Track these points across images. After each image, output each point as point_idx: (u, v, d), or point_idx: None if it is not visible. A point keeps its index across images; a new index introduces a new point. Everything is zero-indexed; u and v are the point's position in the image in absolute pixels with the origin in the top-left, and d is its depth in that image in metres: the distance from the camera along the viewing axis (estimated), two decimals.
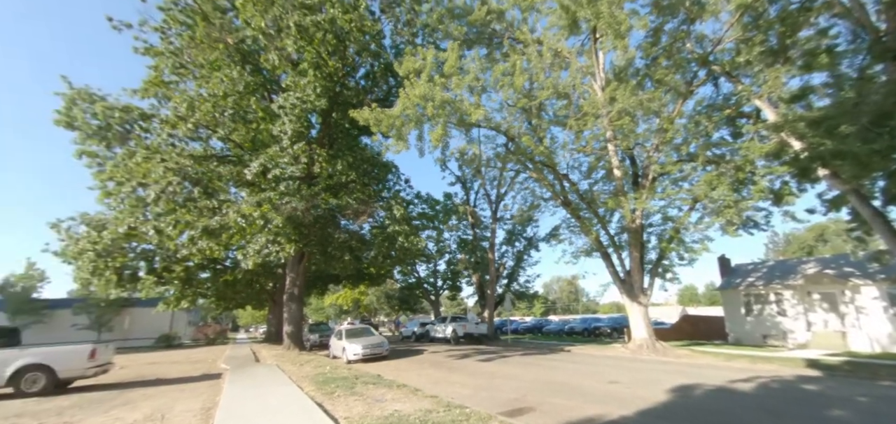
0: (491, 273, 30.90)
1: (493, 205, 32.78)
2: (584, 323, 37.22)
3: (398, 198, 19.72)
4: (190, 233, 12.90)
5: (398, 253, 19.10)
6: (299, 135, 15.85)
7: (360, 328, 19.07)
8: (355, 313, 53.61)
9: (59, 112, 18.47)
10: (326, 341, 27.99)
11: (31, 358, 10.43)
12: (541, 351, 19.75)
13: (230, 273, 27.08)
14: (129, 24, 17.65)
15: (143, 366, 17.99)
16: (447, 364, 15.12)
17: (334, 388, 8.96)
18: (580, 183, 21.77)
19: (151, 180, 14.27)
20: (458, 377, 11.84)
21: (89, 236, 17.07)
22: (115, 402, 9.08)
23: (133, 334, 38.25)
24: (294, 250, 12.59)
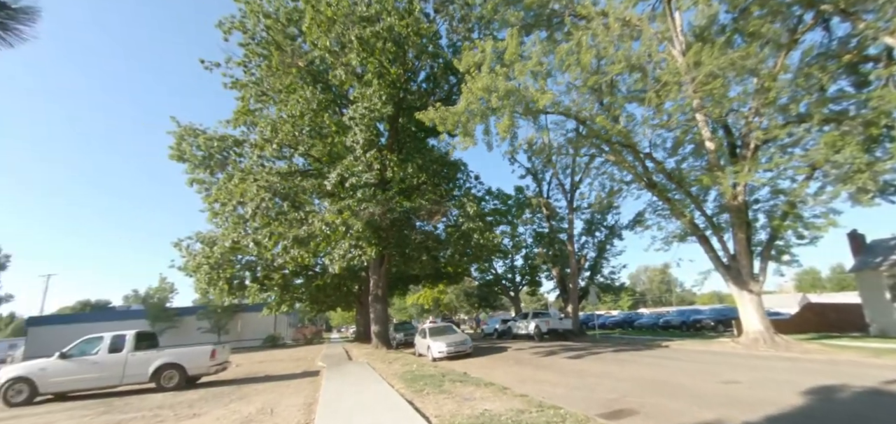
0: (571, 265, 29.47)
1: (568, 194, 31.26)
2: (681, 315, 33.88)
3: (470, 194, 19.65)
4: (283, 244, 14.14)
5: (474, 250, 19.00)
6: (370, 144, 16.50)
7: (444, 326, 19.32)
8: (436, 312, 54.86)
9: (171, 147, 21.44)
10: (411, 339, 28.95)
11: (167, 358, 12.13)
12: (634, 346, 18.29)
13: (320, 278, 29.23)
14: (217, 64, 19.85)
15: (254, 364, 20.07)
16: (533, 361, 14.63)
17: (423, 386, 9.06)
18: (666, 161, 19.77)
19: (248, 198, 15.87)
20: (546, 375, 11.34)
21: (203, 252, 19.49)
22: (233, 396, 10.14)
23: (244, 336, 43.16)
24: (375, 253, 13.17)
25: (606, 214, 34.26)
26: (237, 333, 43.08)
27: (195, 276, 19.98)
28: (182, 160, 21.80)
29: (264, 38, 19.84)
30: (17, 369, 11.51)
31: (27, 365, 11.64)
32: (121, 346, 12.04)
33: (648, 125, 16.80)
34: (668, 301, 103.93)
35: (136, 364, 11.91)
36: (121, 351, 11.96)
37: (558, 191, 34.62)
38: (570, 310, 29.19)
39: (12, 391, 11.20)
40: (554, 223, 34.27)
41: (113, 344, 12.03)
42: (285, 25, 19.58)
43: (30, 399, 11.25)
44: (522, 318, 29.16)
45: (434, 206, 18.95)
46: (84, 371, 11.62)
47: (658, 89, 16.36)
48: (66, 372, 11.55)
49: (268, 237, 13.73)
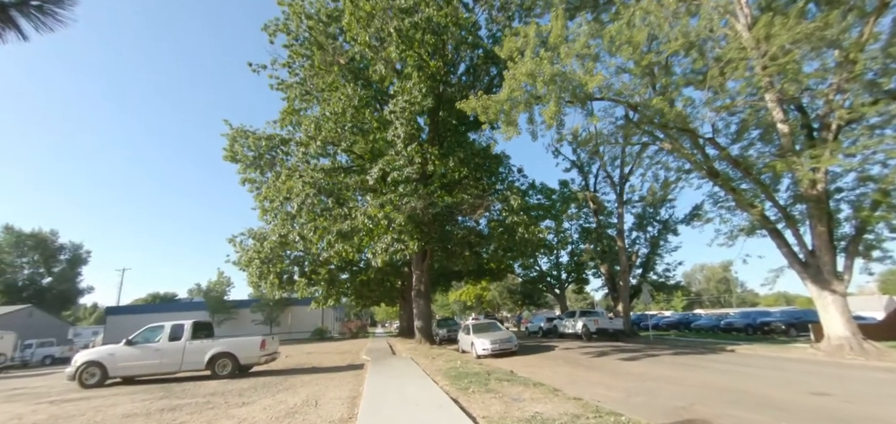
0: (622, 262, 27.88)
1: (617, 187, 29.58)
2: (745, 317, 31.12)
3: (513, 187, 19.01)
4: (327, 238, 14.33)
5: (518, 245, 18.35)
6: (411, 138, 16.34)
7: (488, 322, 18.85)
8: (478, 309, 54.42)
9: (225, 149, 22.52)
10: (454, 335, 28.68)
11: (221, 347, 12.61)
12: (696, 350, 16.87)
13: (364, 273, 29.73)
14: (263, 66, 20.53)
15: (302, 356, 20.66)
16: (584, 361, 13.82)
17: (468, 384, 8.68)
18: (730, 147, 18.01)
19: (294, 195, 16.25)
20: (600, 377, 10.58)
21: (255, 247, 20.29)
22: (280, 387, 10.30)
23: (294, 328, 45.05)
24: (417, 247, 13.01)
25: (659, 208, 32.20)
26: (287, 325, 45.02)
27: (247, 270, 20.85)
28: (235, 160, 22.87)
29: (307, 38, 20.29)
30: (91, 353, 12.43)
31: (98, 350, 12.55)
32: (180, 335, 12.68)
33: (710, 107, 15.26)
34: (728, 302, 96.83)
35: (193, 352, 12.49)
36: (180, 340, 12.59)
37: (606, 183, 32.97)
38: (620, 309, 27.65)
39: (86, 374, 12.11)
40: (602, 218, 32.67)
41: (173, 333, 12.68)
42: (326, 25, 19.93)
43: (101, 382, 12.11)
44: (569, 317, 28.02)
45: (476, 200, 18.51)
46: (147, 358, 12.35)
47: (722, 68, 14.89)
48: (132, 358, 12.32)
49: (313, 231, 13.97)
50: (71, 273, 43.92)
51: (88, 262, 45.59)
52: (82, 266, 45.05)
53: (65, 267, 43.59)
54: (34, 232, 41.56)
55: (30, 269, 41.81)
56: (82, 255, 44.91)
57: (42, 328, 32.52)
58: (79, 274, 45.04)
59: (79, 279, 45.02)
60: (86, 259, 45.22)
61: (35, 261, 41.96)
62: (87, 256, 45.28)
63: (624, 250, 28.26)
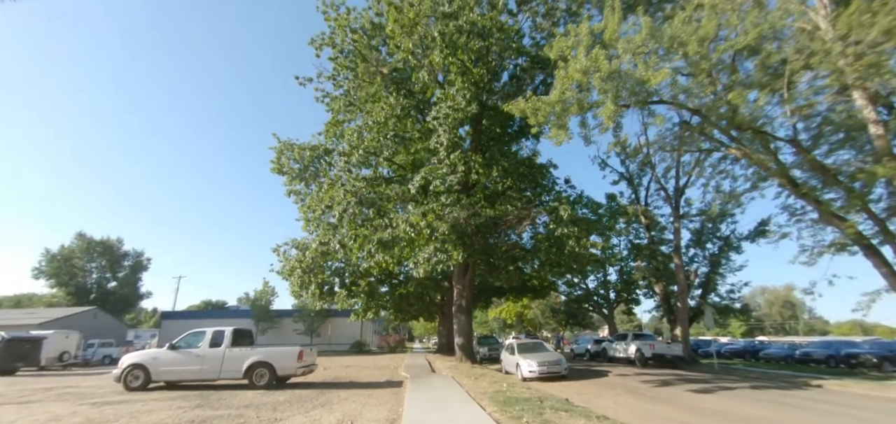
0: (680, 281, 25.53)
1: (673, 200, 27.35)
2: (826, 348, 27.43)
3: (563, 198, 17.76)
4: (368, 247, 13.86)
5: (567, 259, 17.05)
6: (454, 146, 15.70)
7: (534, 342, 17.57)
8: (519, 327, 52.40)
9: (272, 162, 23.00)
10: (495, 354, 27.39)
11: (259, 356, 12.33)
12: (773, 383, 14.70)
13: (404, 286, 29.25)
14: (309, 79, 20.82)
15: (341, 369, 20.28)
16: (647, 392, 12.26)
17: (520, 412, 7.66)
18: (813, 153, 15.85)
19: (335, 203, 16.03)
20: (674, 412, 9.14)
21: (297, 257, 20.31)
22: (316, 402, 9.72)
23: (334, 340, 45.33)
24: (460, 257, 12.20)
25: (720, 223, 29.52)
26: (327, 336, 45.39)
27: (290, 279, 20.90)
28: (281, 173, 23.29)
29: (351, 50, 20.40)
30: (135, 356, 12.53)
31: (143, 354, 12.65)
32: (220, 341, 12.54)
33: (791, 106, 13.42)
34: (793, 329, 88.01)
35: (232, 360, 12.29)
36: (220, 347, 12.45)
37: (658, 197, 30.70)
38: (678, 334, 25.22)
39: (131, 376, 12.19)
40: (654, 233, 30.36)
41: (213, 339, 12.57)
42: (370, 36, 19.98)
43: (144, 385, 12.13)
44: (620, 339, 25.93)
45: (522, 212, 17.47)
46: (189, 363, 12.27)
47: (806, 60, 13.13)
48: (174, 363, 12.29)
49: (353, 239, 13.56)
50: (133, 278, 47.08)
51: (149, 268, 48.72)
52: (143, 272, 48.21)
53: (127, 272, 46.79)
54: (103, 239, 45.08)
55: (98, 274, 45.23)
56: (143, 262, 48.02)
57: (104, 329, 34.73)
58: (139, 280, 48.23)
59: (139, 284, 48.21)
60: (146, 265, 48.32)
61: (102, 267, 45.37)
62: (148, 263, 48.39)
63: (682, 268, 25.91)
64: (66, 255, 42.29)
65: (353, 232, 13.56)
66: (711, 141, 17.74)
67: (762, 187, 17.55)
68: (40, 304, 42.01)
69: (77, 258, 42.66)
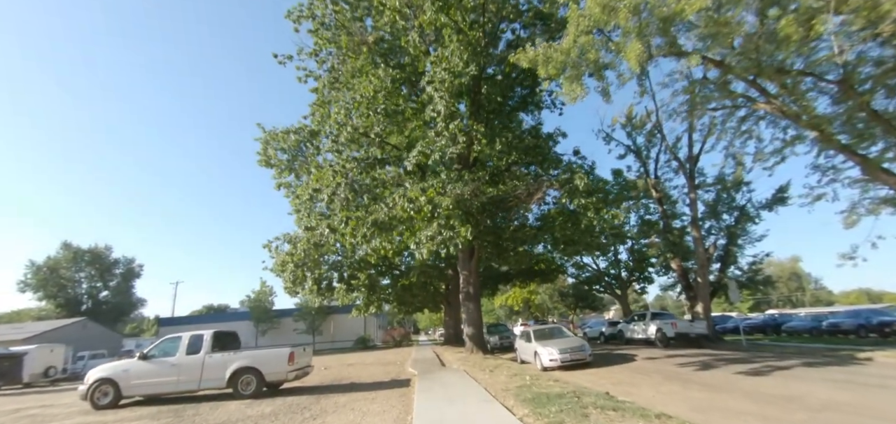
0: (699, 256, 23.96)
1: (687, 168, 25.70)
2: (856, 317, 26.03)
3: (576, 168, 16.09)
4: (362, 231, 12.24)
5: (583, 234, 15.45)
6: (452, 115, 13.97)
7: (552, 327, 16.02)
8: (526, 314, 51.00)
9: (258, 153, 21.28)
10: (506, 343, 25.87)
11: (244, 361, 10.76)
12: (821, 359, 13.17)
13: (405, 277, 27.73)
14: (289, 57, 19.00)
15: (343, 368, 18.79)
16: (690, 377, 10.72)
17: (559, 415, 6.09)
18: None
19: (323, 185, 14.40)
20: (739, 403, 7.57)
21: (289, 251, 18.72)
22: (309, 413, 8.18)
23: (336, 337, 43.92)
24: (470, 233, 10.62)
25: (736, 192, 27.97)
26: (330, 334, 43.99)
27: (282, 276, 19.36)
28: (269, 165, 21.60)
29: (333, 22, 18.62)
30: (103, 370, 10.97)
31: (111, 366, 11.09)
32: (198, 347, 10.98)
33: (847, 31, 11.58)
34: (800, 301, 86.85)
35: (213, 368, 10.73)
36: (198, 353, 10.89)
37: (669, 168, 29.14)
38: (698, 310, 23.73)
39: (98, 392, 10.65)
40: (666, 207, 28.77)
41: (191, 345, 11.01)
42: (353, 7, 18.22)
43: (115, 402, 10.60)
44: (639, 319, 24.42)
45: (531, 186, 15.83)
46: (163, 374, 10.71)
47: None
48: (147, 374, 10.73)
49: (344, 222, 11.91)
50: (125, 286, 45.53)
51: (141, 276, 47.26)
52: (135, 279, 46.68)
53: (119, 281, 45.23)
54: (90, 248, 43.44)
55: (87, 284, 43.64)
56: (135, 269, 46.46)
57: (96, 340, 33.30)
58: (132, 288, 46.70)
59: (133, 292, 46.69)
60: (139, 272, 46.81)
61: (92, 276, 43.76)
62: (140, 269, 46.86)
63: (701, 241, 24.34)
64: (52, 266, 40.67)
65: (345, 215, 11.92)
66: (736, 96, 16.10)
67: (796, 146, 15.91)
68: (28, 318, 40.54)
69: (64, 268, 41.08)
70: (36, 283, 39.76)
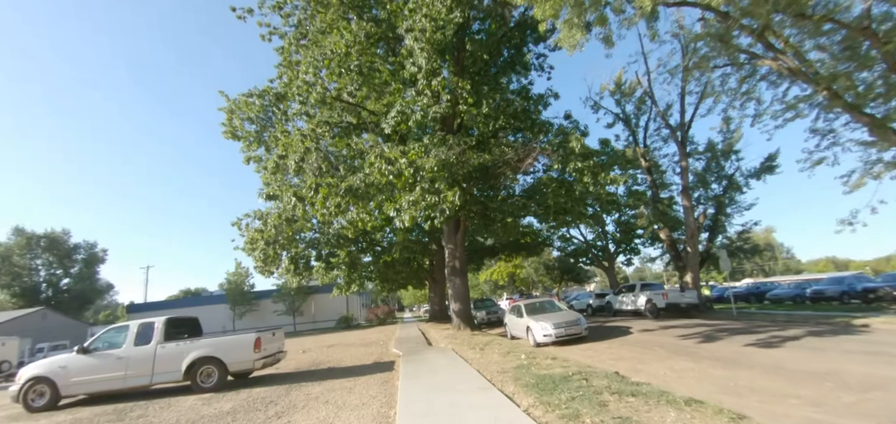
0: (689, 225, 23.50)
1: (678, 135, 25.00)
2: (837, 284, 26.25)
3: (570, 130, 14.95)
4: (334, 200, 10.86)
5: (576, 202, 14.46)
6: (434, 72, 12.51)
7: (544, 301, 15.12)
8: (511, 288, 50.69)
9: (223, 125, 19.31)
10: (494, 318, 24.98)
11: (203, 351, 9.43)
12: (821, 328, 12.69)
13: (387, 254, 26.49)
14: (250, 10, 16.96)
15: (322, 350, 17.65)
16: (695, 350, 9.95)
17: (569, 402, 5.06)
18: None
19: (291, 152, 12.86)
20: (762, 380, 6.74)
21: (259, 228, 17.20)
22: (272, 410, 6.98)
23: (318, 317, 42.68)
24: (458, 199, 9.42)
25: (725, 161, 27.63)
26: (311, 315, 42.71)
27: (252, 254, 17.86)
28: (236, 138, 19.68)
29: None
30: (37, 368, 9.47)
31: (47, 363, 9.57)
32: (149, 337, 9.57)
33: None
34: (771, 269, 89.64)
35: (166, 359, 9.37)
36: (149, 344, 9.49)
37: (658, 137, 28.55)
38: (687, 281, 23.41)
39: (32, 393, 9.21)
40: (655, 176, 28.21)
41: (139, 335, 9.59)
42: None
43: (53, 403, 9.19)
44: (628, 291, 23.98)
45: (521, 152, 14.66)
46: (108, 368, 9.30)
47: None
48: (89, 370, 9.31)
49: (314, 189, 10.46)
50: (88, 273, 42.79)
51: (105, 261, 44.48)
52: (99, 265, 43.88)
53: (81, 267, 42.44)
54: (46, 232, 40.41)
55: (46, 272, 40.76)
56: (98, 254, 43.62)
57: (57, 330, 31.12)
58: (96, 274, 43.95)
59: (97, 278, 43.98)
60: (102, 257, 44.00)
61: (50, 263, 40.87)
62: (104, 255, 44.05)
63: (691, 210, 23.84)
64: (3, 254, 37.62)
65: (314, 182, 10.47)
66: (741, 51, 15.13)
67: (799, 107, 15.08)
68: None
69: (17, 255, 38.11)
70: None
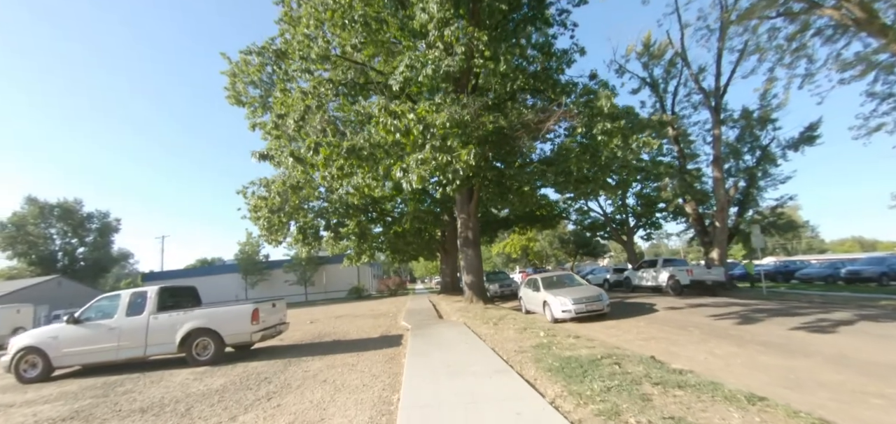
0: (719, 198, 22.03)
1: (713, 100, 23.22)
2: (877, 264, 24.71)
3: (597, 88, 13.61)
4: (337, 162, 9.93)
5: (603, 168, 13.27)
6: (446, 21, 11.23)
7: (562, 275, 14.17)
8: (524, 261, 49.82)
9: (226, 89, 18.36)
10: (507, 291, 24.12)
11: (197, 322, 8.81)
12: (874, 311, 11.52)
13: (398, 224, 25.78)
14: None
15: (329, 321, 17.18)
16: (736, 333, 8.93)
17: (604, 393, 4.17)
18: None
19: (291, 110, 11.91)
20: (829, 373, 5.75)
21: (262, 195, 16.53)
22: (263, 390, 6.28)
23: (330, 288, 42.67)
24: (473, 158, 8.38)
25: (760, 130, 25.75)
26: (322, 285, 42.70)
27: (257, 223, 17.26)
28: (241, 103, 18.77)
29: None
30: (29, 337, 9.01)
31: (38, 333, 9.10)
32: (141, 307, 8.98)
33: None
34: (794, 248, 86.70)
35: (160, 331, 8.79)
36: (141, 314, 8.91)
37: (686, 102, 26.72)
38: (714, 257, 22.15)
39: (25, 363, 8.79)
40: (682, 145, 26.54)
41: (131, 305, 9.01)
42: None
43: (46, 374, 8.77)
44: (648, 266, 22.87)
45: (542, 113, 13.41)
46: (100, 339, 8.78)
47: None
48: (81, 341, 8.80)
49: (312, 150, 9.53)
50: (102, 242, 43.32)
51: (119, 230, 45.03)
52: (113, 234, 44.41)
53: (96, 236, 42.95)
54: (59, 202, 40.72)
55: (61, 240, 41.34)
56: (112, 223, 44.07)
57: (72, 298, 31.57)
58: (110, 242, 44.53)
59: (111, 246, 44.60)
60: (116, 227, 44.49)
61: (65, 232, 41.38)
62: (118, 223, 44.52)
63: (722, 182, 22.30)
64: (17, 223, 38.08)
65: (312, 142, 9.53)
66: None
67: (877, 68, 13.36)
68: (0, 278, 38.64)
69: (31, 224, 38.55)
70: (3, 241, 37.38)
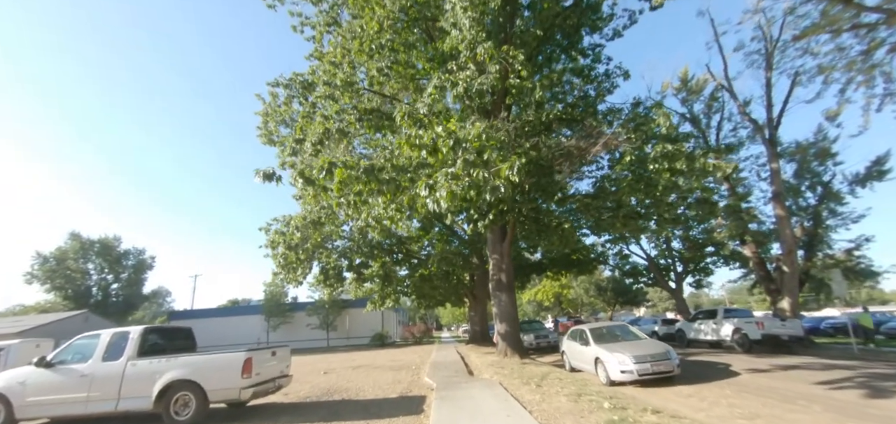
0: (787, 238, 19.32)
1: (766, 132, 21.07)
2: None
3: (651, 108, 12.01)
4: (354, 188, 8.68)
5: (659, 202, 11.40)
6: (479, 41, 10.13)
7: (615, 326, 11.92)
8: (557, 310, 46.55)
9: (259, 128, 18.09)
10: (544, 343, 21.45)
11: (179, 372, 7.37)
12: None
13: (424, 267, 24.27)
14: None
15: (345, 372, 15.50)
16: (870, 409, 6.63)
17: None
18: None
19: (309, 134, 10.94)
20: None
21: (280, 229, 15.56)
22: None
23: (352, 333, 40.97)
24: (516, 174, 6.90)
25: (819, 166, 23.17)
26: (345, 330, 41.10)
27: (274, 259, 16.23)
28: (272, 143, 18.37)
29: None
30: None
31: (7, 376, 7.94)
32: (120, 351, 7.69)
33: None
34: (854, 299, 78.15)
35: (136, 380, 7.40)
36: (118, 359, 7.61)
37: (732, 137, 24.63)
38: (786, 306, 19.14)
39: None
40: (732, 181, 24.11)
41: (110, 348, 7.75)
42: None
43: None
44: (706, 318, 20.04)
45: (586, 139, 11.84)
46: (68, 389, 7.48)
47: None
48: (48, 389, 7.53)
49: (325, 172, 8.39)
50: (135, 278, 44.02)
51: (153, 267, 45.78)
52: (148, 271, 45.17)
53: (130, 273, 43.77)
54: (100, 238, 42.00)
55: (97, 276, 42.24)
56: (147, 261, 44.94)
57: None
58: (144, 279, 45.20)
59: (143, 284, 45.22)
60: (150, 264, 45.29)
61: (102, 268, 42.33)
62: (152, 261, 45.34)
63: (787, 220, 19.63)
64: (59, 257, 39.31)
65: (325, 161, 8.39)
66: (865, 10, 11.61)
67: None
68: (34, 312, 39.49)
69: (71, 259, 39.68)
70: (43, 275, 38.50)
